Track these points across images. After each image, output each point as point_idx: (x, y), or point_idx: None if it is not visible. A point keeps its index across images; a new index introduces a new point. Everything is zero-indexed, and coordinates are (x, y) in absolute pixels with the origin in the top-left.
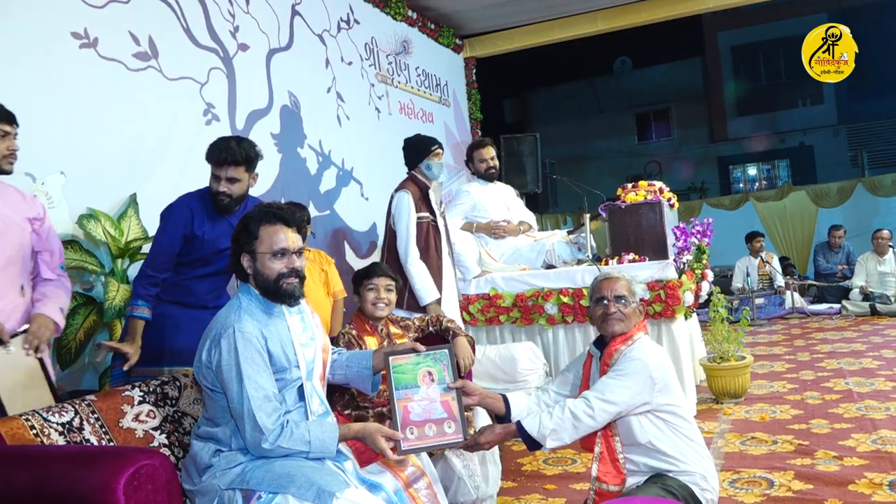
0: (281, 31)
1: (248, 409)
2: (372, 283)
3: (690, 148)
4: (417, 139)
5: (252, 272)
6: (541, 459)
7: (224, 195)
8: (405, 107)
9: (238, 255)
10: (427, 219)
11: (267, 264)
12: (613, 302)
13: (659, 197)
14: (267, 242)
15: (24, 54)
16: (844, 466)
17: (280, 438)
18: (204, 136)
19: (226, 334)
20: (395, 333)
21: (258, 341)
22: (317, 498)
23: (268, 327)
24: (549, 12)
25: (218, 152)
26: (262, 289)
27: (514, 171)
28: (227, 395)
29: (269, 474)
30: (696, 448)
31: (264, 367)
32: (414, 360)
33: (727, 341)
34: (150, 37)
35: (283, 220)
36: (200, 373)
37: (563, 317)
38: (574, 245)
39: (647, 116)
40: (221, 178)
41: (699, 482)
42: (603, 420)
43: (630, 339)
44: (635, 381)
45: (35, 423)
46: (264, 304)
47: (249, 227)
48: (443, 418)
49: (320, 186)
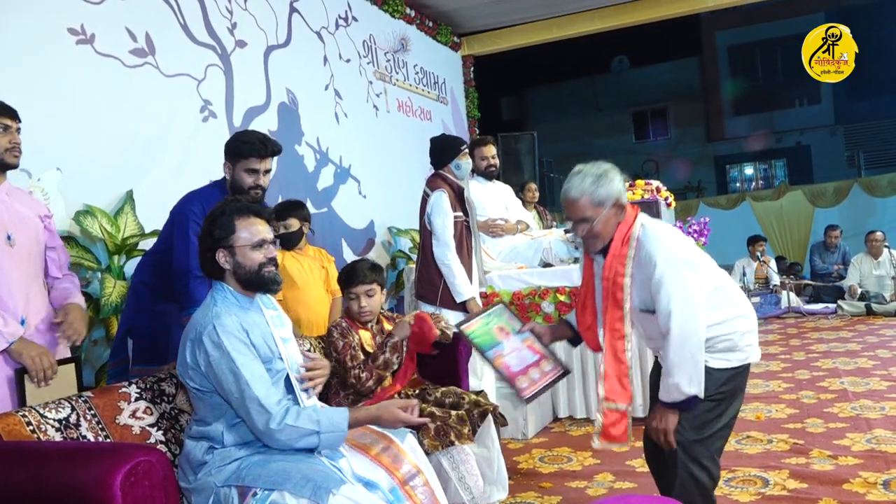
0: (279, 28)
1: (250, 395)
2: (352, 293)
3: (687, 147)
4: (447, 139)
5: (231, 266)
6: (536, 458)
7: (260, 188)
8: (403, 104)
9: (212, 252)
10: (461, 219)
11: (249, 256)
12: (580, 226)
13: (656, 196)
14: (245, 235)
15: (20, 50)
16: (839, 465)
17: (287, 417)
18: (201, 133)
19: (206, 332)
20: (388, 330)
21: (240, 333)
22: (313, 494)
23: (246, 321)
24: (548, 11)
25: (261, 146)
26: (243, 281)
27: (511, 169)
28: (223, 391)
29: (264, 471)
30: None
31: (253, 357)
32: (483, 322)
33: None
34: (146, 33)
35: (256, 213)
36: (186, 375)
37: (560, 315)
38: (571, 244)
39: (645, 115)
40: (260, 171)
41: (737, 340)
42: (698, 323)
43: (629, 239)
44: (676, 270)
45: (32, 420)
46: (241, 299)
47: (221, 222)
48: (537, 359)
49: (318, 184)
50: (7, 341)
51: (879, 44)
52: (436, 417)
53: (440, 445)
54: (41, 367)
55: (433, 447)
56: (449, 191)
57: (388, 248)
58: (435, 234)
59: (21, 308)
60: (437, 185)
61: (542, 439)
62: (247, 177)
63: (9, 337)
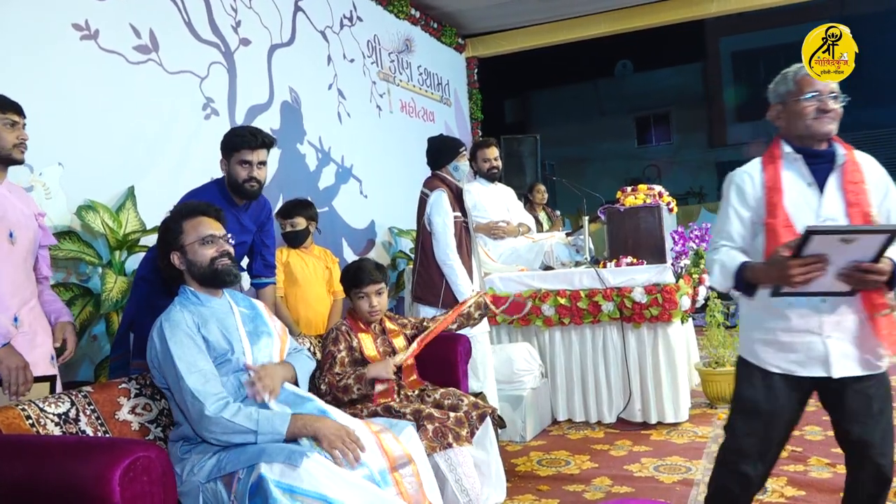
0: (283, 26)
1: (185, 386)
2: (362, 293)
3: (689, 152)
4: (445, 140)
5: (185, 266)
6: (534, 460)
7: (255, 181)
8: (406, 105)
9: (167, 257)
10: (460, 219)
11: (199, 252)
12: (830, 100)
13: (658, 201)
14: (192, 234)
15: (24, 45)
16: (837, 474)
17: (225, 410)
18: (203, 130)
19: (155, 328)
20: (390, 330)
21: (188, 327)
22: (287, 458)
23: (204, 315)
24: (553, 14)
25: (251, 137)
26: (199, 279)
27: (513, 172)
28: (169, 385)
29: (243, 454)
30: None
31: (197, 350)
32: None
33: (723, 346)
34: (150, 30)
35: (202, 212)
36: (154, 375)
37: (560, 318)
38: (572, 247)
39: (648, 120)
40: (253, 162)
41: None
42: None
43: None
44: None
45: (31, 413)
46: (202, 297)
47: (171, 226)
48: None
49: (319, 183)
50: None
51: (884, 52)
52: (434, 419)
53: (438, 447)
54: (16, 382)
55: (431, 448)
56: (448, 191)
57: (388, 249)
58: (435, 235)
59: (16, 307)
60: (435, 185)
61: (540, 442)
62: (241, 169)
63: (1, 339)
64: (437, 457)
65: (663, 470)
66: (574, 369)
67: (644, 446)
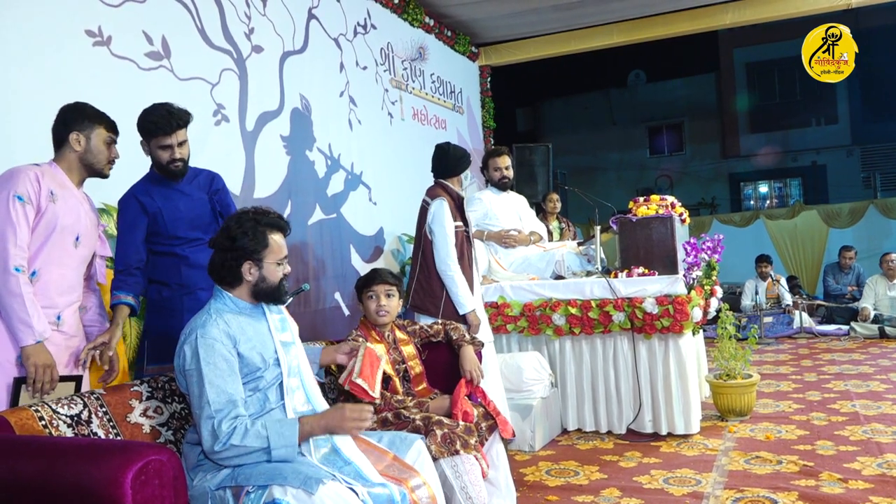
0: (296, 33)
1: (208, 414)
2: (371, 291)
3: (702, 163)
4: (455, 150)
5: (255, 279)
6: (543, 470)
7: (180, 160)
8: (418, 113)
9: (239, 260)
10: (461, 228)
11: (273, 271)
12: None
13: (670, 211)
14: (276, 251)
15: (37, 50)
16: (849, 489)
17: (232, 437)
18: (212, 137)
19: (189, 340)
20: (401, 339)
21: (223, 345)
22: (303, 484)
23: (240, 329)
24: (566, 23)
25: (167, 119)
26: (257, 293)
27: (525, 181)
28: (189, 398)
29: (257, 471)
30: None
31: (229, 372)
32: None
33: (734, 359)
34: (163, 36)
35: (281, 229)
36: (178, 379)
37: (571, 328)
38: (584, 256)
39: (660, 130)
40: (173, 144)
41: None
42: None
43: None
44: None
45: (44, 414)
46: (241, 305)
47: (256, 235)
48: None
49: (328, 189)
50: (34, 339)
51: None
52: (444, 425)
53: (445, 452)
54: (41, 380)
55: (439, 453)
56: (449, 200)
57: (396, 256)
58: (436, 244)
59: (62, 306)
60: (437, 193)
61: (549, 452)
62: (162, 153)
63: (37, 336)
64: (444, 464)
65: (673, 482)
66: (584, 379)
67: (654, 458)
